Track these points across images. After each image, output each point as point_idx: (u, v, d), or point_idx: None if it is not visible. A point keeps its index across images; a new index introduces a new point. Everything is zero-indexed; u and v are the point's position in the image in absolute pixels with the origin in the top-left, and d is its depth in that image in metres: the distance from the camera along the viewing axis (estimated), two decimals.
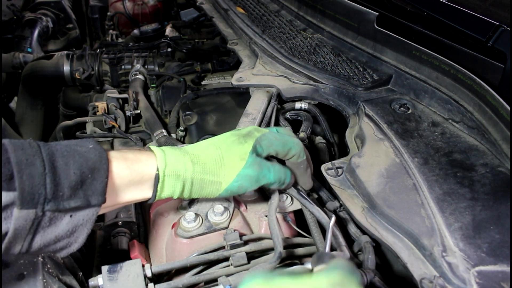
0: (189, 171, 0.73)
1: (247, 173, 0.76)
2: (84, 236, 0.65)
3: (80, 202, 0.61)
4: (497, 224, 0.71)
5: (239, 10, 1.66)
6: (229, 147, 0.77)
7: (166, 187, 0.72)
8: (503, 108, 0.82)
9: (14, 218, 0.57)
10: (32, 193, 0.57)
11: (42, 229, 0.60)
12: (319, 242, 0.81)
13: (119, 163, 0.69)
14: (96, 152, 0.65)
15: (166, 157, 0.73)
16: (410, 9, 1.09)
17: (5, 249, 0.59)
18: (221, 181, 0.75)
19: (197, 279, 0.74)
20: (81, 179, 0.62)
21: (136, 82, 1.70)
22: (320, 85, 1.14)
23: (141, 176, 0.70)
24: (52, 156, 0.61)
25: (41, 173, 0.58)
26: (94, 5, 2.95)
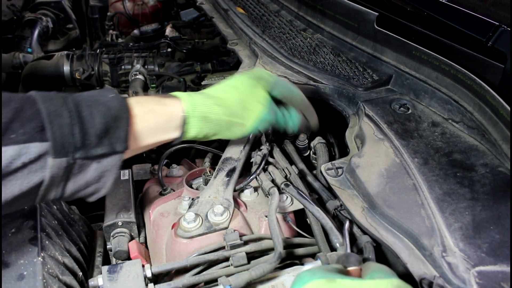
0: (215, 113, 0.79)
1: (265, 117, 0.84)
2: (111, 181, 0.69)
3: (106, 149, 0.65)
4: (497, 224, 0.71)
5: (239, 10, 1.66)
6: (248, 90, 0.84)
7: (192, 128, 0.77)
8: (503, 108, 0.82)
9: (49, 167, 0.60)
10: (63, 143, 0.61)
11: (73, 176, 0.64)
12: (321, 242, 0.81)
13: (142, 107, 0.72)
14: (117, 101, 0.69)
15: (191, 99, 0.77)
16: (410, 9, 1.08)
17: (42, 196, 0.63)
18: (245, 123, 0.82)
19: (197, 279, 0.74)
20: (106, 127, 0.65)
21: (136, 82, 1.70)
22: (320, 85, 1.14)
23: (166, 117, 0.75)
24: (78, 106, 0.64)
25: (69, 123, 0.62)
26: (94, 5, 2.95)
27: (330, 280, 0.55)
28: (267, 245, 0.81)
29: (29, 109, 0.60)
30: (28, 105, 0.60)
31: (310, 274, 0.56)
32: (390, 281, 0.56)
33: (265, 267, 0.70)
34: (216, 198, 0.88)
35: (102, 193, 0.70)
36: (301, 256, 0.84)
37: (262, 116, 0.83)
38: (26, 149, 0.58)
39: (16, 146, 0.57)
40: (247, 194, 0.94)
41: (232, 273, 0.72)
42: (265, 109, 0.84)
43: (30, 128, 0.59)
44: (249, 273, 0.69)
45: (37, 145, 0.59)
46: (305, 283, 0.55)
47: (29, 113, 0.60)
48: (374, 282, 0.56)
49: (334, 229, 0.79)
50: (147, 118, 0.73)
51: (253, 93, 0.84)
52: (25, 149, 0.58)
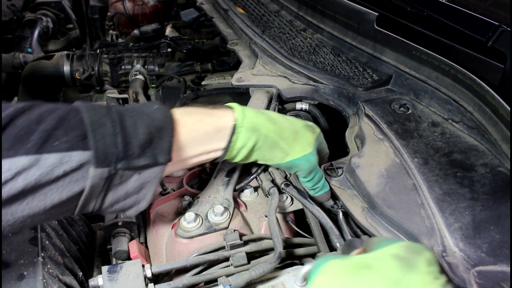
0: (266, 127, 0.77)
1: (310, 159, 0.81)
2: (151, 193, 0.68)
3: (148, 161, 0.64)
4: (497, 224, 0.71)
5: (239, 10, 1.66)
6: (301, 129, 0.82)
7: (240, 139, 0.75)
8: (503, 108, 0.82)
9: (90, 176, 0.59)
10: (105, 153, 0.60)
11: (114, 186, 0.63)
12: (321, 242, 0.81)
13: (191, 117, 0.72)
14: (161, 112, 0.68)
15: (244, 110, 0.76)
16: (410, 9, 1.08)
17: (81, 206, 0.62)
18: (289, 152, 0.79)
19: (197, 279, 0.74)
20: (149, 138, 0.64)
21: (136, 82, 1.70)
22: (320, 85, 1.14)
23: (216, 127, 0.73)
24: (121, 116, 0.63)
25: (112, 133, 0.61)
26: (94, 5, 2.95)
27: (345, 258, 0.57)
28: (267, 245, 0.81)
29: (73, 117, 0.60)
30: (72, 114, 0.60)
31: (324, 259, 0.57)
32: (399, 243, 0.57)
33: (265, 267, 0.70)
34: (216, 198, 0.88)
35: (142, 205, 0.68)
36: (301, 256, 0.84)
37: (308, 156, 0.81)
38: (68, 157, 0.57)
39: (58, 154, 0.57)
40: (247, 194, 0.94)
41: (232, 273, 0.72)
42: (312, 151, 0.82)
43: (72, 136, 0.58)
44: (249, 273, 0.69)
45: (79, 154, 0.58)
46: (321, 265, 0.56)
47: (73, 121, 0.59)
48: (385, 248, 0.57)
49: (334, 229, 0.79)
50: (196, 128, 0.71)
51: (305, 133, 0.82)
52: (67, 157, 0.57)
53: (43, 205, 0.58)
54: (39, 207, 0.58)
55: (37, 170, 0.56)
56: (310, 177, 0.85)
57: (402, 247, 0.57)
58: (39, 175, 0.56)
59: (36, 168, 0.56)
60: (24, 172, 0.55)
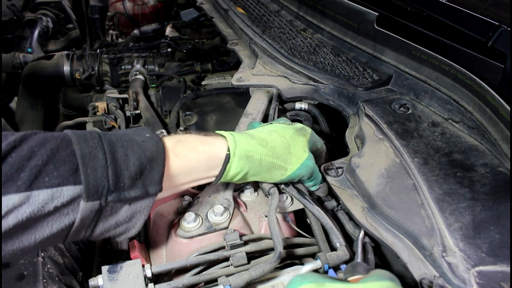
0: (258, 153, 0.77)
1: (308, 164, 0.82)
2: (141, 222, 0.68)
3: (139, 192, 0.64)
4: (497, 224, 0.71)
5: (239, 10, 1.66)
6: (293, 137, 0.83)
7: (233, 167, 0.76)
8: (503, 108, 0.82)
9: (80, 210, 0.60)
10: (96, 186, 0.60)
11: (104, 217, 0.64)
12: (321, 242, 0.81)
13: (184, 146, 0.72)
14: (153, 141, 0.67)
15: (235, 138, 0.76)
16: (410, 9, 1.08)
17: (71, 236, 0.63)
18: (288, 167, 0.80)
19: (197, 279, 0.74)
20: (140, 169, 0.64)
21: (136, 82, 1.70)
22: (320, 85, 1.14)
23: (209, 156, 0.73)
24: (112, 147, 0.63)
25: (104, 166, 0.61)
26: (94, 5, 2.95)
27: (320, 284, 0.56)
28: (267, 245, 0.81)
29: (63, 150, 0.59)
30: (63, 146, 0.59)
31: (301, 279, 0.57)
32: (380, 284, 0.56)
33: (265, 267, 0.70)
34: (216, 198, 0.88)
35: (132, 233, 0.69)
36: (301, 256, 0.84)
37: (305, 162, 0.82)
38: (59, 192, 0.57)
39: (49, 190, 0.57)
40: (247, 194, 0.94)
41: (232, 273, 0.72)
42: (308, 155, 0.83)
43: (64, 170, 0.58)
44: (249, 273, 0.69)
45: (70, 189, 0.58)
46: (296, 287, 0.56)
47: (64, 154, 0.59)
48: (364, 285, 0.56)
49: (334, 229, 0.79)
50: (189, 157, 0.71)
51: (297, 140, 0.82)
52: (58, 193, 0.57)
53: (33, 239, 0.58)
54: (29, 241, 0.58)
55: (28, 208, 0.56)
56: (312, 178, 0.86)
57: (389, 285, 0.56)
58: (30, 212, 0.56)
59: (27, 206, 0.55)
60: (15, 210, 0.55)
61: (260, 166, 0.78)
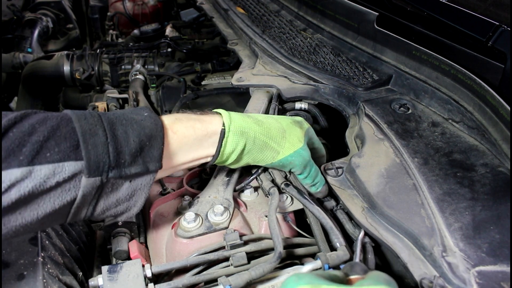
0: (253, 130, 0.78)
1: (302, 153, 0.82)
2: (142, 200, 0.69)
3: (139, 169, 0.65)
4: (497, 224, 0.71)
5: (239, 10, 1.66)
6: (289, 125, 0.84)
7: (229, 143, 0.77)
8: (503, 108, 0.82)
9: (82, 186, 0.60)
10: (97, 162, 0.60)
11: (105, 194, 0.64)
12: (321, 242, 0.81)
13: (182, 123, 0.73)
14: (151, 120, 0.68)
15: (231, 115, 0.78)
16: (410, 9, 1.08)
17: (73, 214, 0.63)
18: (280, 150, 0.81)
19: (197, 279, 0.74)
20: (140, 146, 0.65)
21: (136, 82, 1.70)
22: (320, 85, 1.14)
23: (206, 133, 0.75)
24: (112, 125, 0.64)
25: (104, 142, 0.61)
26: (94, 5, 2.95)
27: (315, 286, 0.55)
28: (267, 245, 0.81)
29: (64, 127, 0.60)
30: (63, 124, 0.60)
31: (296, 279, 0.56)
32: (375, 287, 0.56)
33: (265, 267, 0.70)
34: (216, 198, 0.88)
35: (133, 212, 0.69)
36: (301, 256, 0.84)
37: (299, 151, 0.82)
38: (60, 168, 0.58)
39: (51, 165, 0.57)
40: (247, 194, 0.94)
41: (232, 273, 0.72)
42: (303, 146, 0.83)
43: (65, 146, 0.58)
44: (249, 273, 0.69)
45: (72, 164, 0.59)
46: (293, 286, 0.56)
47: (65, 131, 0.59)
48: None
49: (334, 229, 0.79)
50: (187, 134, 0.72)
51: (293, 129, 0.83)
52: (60, 168, 0.58)
53: (35, 215, 0.59)
54: (31, 216, 0.58)
55: (30, 182, 0.56)
56: (306, 173, 0.86)
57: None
58: (33, 186, 0.56)
59: (29, 180, 0.56)
60: (17, 184, 0.55)
61: (254, 143, 0.79)
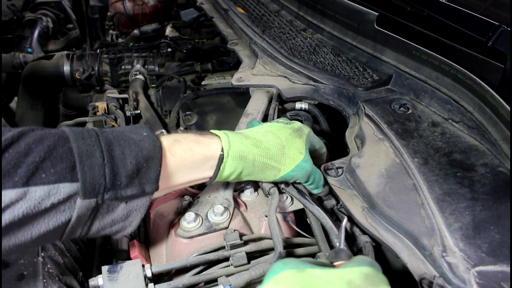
0: (252, 153, 0.78)
1: (304, 166, 0.82)
2: (138, 220, 0.69)
3: (136, 191, 0.65)
4: (497, 224, 0.71)
5: (239, 10, 1.66)
6: (288, 138, 0.83)
7: (227, 167, 0.76)
8: (503, 108, 0.82)
9: (77, 207, 0.60)
10: (93, 184, 0.60)
11: (101, 215, 0.64)
12: (321, 242, 0.81)
13: (181, 146, 0.72)
14: (150, 140, 0.68)
15: (229, 139, 0.77)
16: (410, 9, 1.08)
17: (68, 234, 0.63)
18: (281, 168, 0.81)
19: (197, 279, 0.74)
20: (137, 168, 0.64)
21: (136, 82, 1.70)
22: (320, 85, 1.14)
23: (204, 157, 0.74)
24: (110, 145, 0.63)
25: (101, 164, 0.61)
26: (94, 5, 2.95)
27: (300, 270, 0.56)
28: (267, 245, 0.81)
29: (61, 147, 0.59)
30: (60, 144, 0.59)
31: (282, 265, 0.57)
32: (359, 269, 0.57)
33: (265, 267, 0.70)
34: (216, 198, 0.88)
35: (128, 231, 0.70)
36: (301, 256, 0.84)
37: (301, 165, 0.82)
38: (56, 189, 0.58)
39: (46, 187, 0.57)
40: (247, 194, 0.94)
41: (232, 273, 0.72)
42: (304, 158, 0.82)
43: (61, 167, 0.58)
44: (249, 273, 0.69)
45: (67, 186, 0.58)
46: (276, 273, 0.56)
47: (61, 152, 0.59)
48: (344, 270, 0.57)
49: (334, 229, 0.79)
50: (185, 157, 0.72)
51: (292, 141, 0.83)
52: (55, 190, 0.57)
53: (29, 236, 0.58)
54: (25, 237, 0.58)
55: (25, 203, 0.56)
56: (310, 181, 0.86)
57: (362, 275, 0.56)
58: (27, 208, 0.56)
59: (23, 201, 0.56)
60: (11, 206, 0.55)
61: (253, 166, 0.78)
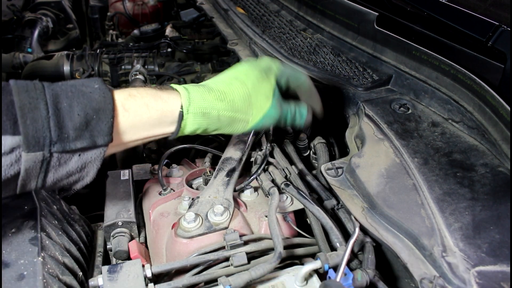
0: (215, 108, 0.75)
1: (271, 114, 0.81)
2: (94, 170, 0.68)
3: (86, 143, 0.63)
4: (497, 224, 0.71)
5: (239, 10, 1.66)
6: (255, 84, 0.79)
7: (189, 125, 0.74)
8: (503, 108, 0.82)
9: (23, 160, 0.59)
10: (36, 137, 0.59)
11: (53, 168, 0.63)
12: (321, 242, 0.81)
13: (135, 101, 0.70)
14: (100, 92, 0.66)
15: (190, 95, 0.74)
16: (410, 9, 1.08)
17: (21, 186, 0.63)
18: (248, 119, 0.79)
19: (197, 279, 0.74)
20: (86, 120, 0.63)
21: (136, 82, 1.70)
22: (320, 85, 1.14)
23: (161, 113, 0.72)
24: (56, 98, 0.62)
25: (45, 117, 0.60)
26: (94, 5, 2.95)
27: None
28: (267, 245, 0.81)
29: (3, 100, 0.58)
30: (3, 96, 0.58)
31: None
32: None
33: (265, 267, 0.70)
34: (216, 198, 0.88)
35: (86, 181, 0.69)
36: (301, 256, 0.84)
37: (268, 113, 0.80)
38: None
39: None
40: (247, 194, 0.94)
41: (232, 273, 0.72)
42: (271, 104, 0.80)
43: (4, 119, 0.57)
44: (249, 273, 0.69)
45: (9, 138, 0.57)
46: None
47: (4, 103, 0.58)
48: None
49: (334, 229, 0.79)
50: (140, 113, 0.70)
51: (259, 87, 0.79)
52: None
53: None
54: None
55: None
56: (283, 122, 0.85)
57: None
58: None
59: None
60: None
61: (219, 122, 0.76)
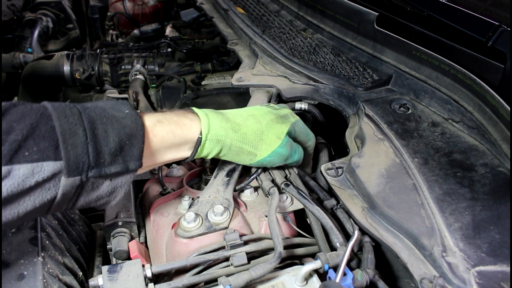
0: (229, 138, 0.81)
1: (280, 152, 0.85)
2: (121, 194, 0.71)
3: (119, 168, 0.66)
4: (497, 224, 0.71)
5: (239, 10, 1.66)
6: (269, 124, 0.85)
7: (205, 149, 0.80)
8: (503, 108, 0.82)
9: (62, 185, 0.61)
10: (77, 162, 0.61)
11: (86, 192, 0.65)
12: (321, 242, 0.81)
13: (163, 127, 0.75)
14: (132, 118, 0.69)
15: (209, 122, 0.80)
16: (410, 9, 1.08)
17: (54, 209, 0.64)
18: (257, 153, 0.84)
19: (197, 279, 0.74)
20: (120, 145, 0.65)
21: (136, 82, 1.70)
22: (320, 85, 1.14)
23: (184, 139, 0.77)
24: (92, 123, 0.64)
25: (84, 142, 0.62)
26: (94, 5, 2.95)
27: None
28: (267, 245, 0.81)
29: (43, 126, 0.59)
30: (42, 122, 0.60)
31: None
32: None
33: (265, 267, 0.70)
34: (216, 198, 0.87)
35: (112, 203, 0.72)
36: (301, 256, 0.84)
37: (277, 150, 0.84)
38: (39, 167, 0.58)
39: (29, 165, 0.57)
40: (247, 194, 0.94)
41: (232, 273, 0.72)
42: (281, 143, 0.85)
43: (44, 146, 0.58)
44: (249, 273, 0.69)
45: (51, 164, 0.59)
46: None
47: (44, 130, 0.59)
48: None
49: (334, 229, 0.79)
50: (166, 139, 0.74)
51: (273, 127, 0.85)
52: (39, 168, 0.58)
53: (16, 213, 0.59)
54: (12, 215, 0.59)
55: (9, 181, 0.56)
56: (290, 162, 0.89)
57: None
58: (11, 185, 0.56)
59: (8, 180, 0.56)
60: None
61: (229, 150, 0.82)
